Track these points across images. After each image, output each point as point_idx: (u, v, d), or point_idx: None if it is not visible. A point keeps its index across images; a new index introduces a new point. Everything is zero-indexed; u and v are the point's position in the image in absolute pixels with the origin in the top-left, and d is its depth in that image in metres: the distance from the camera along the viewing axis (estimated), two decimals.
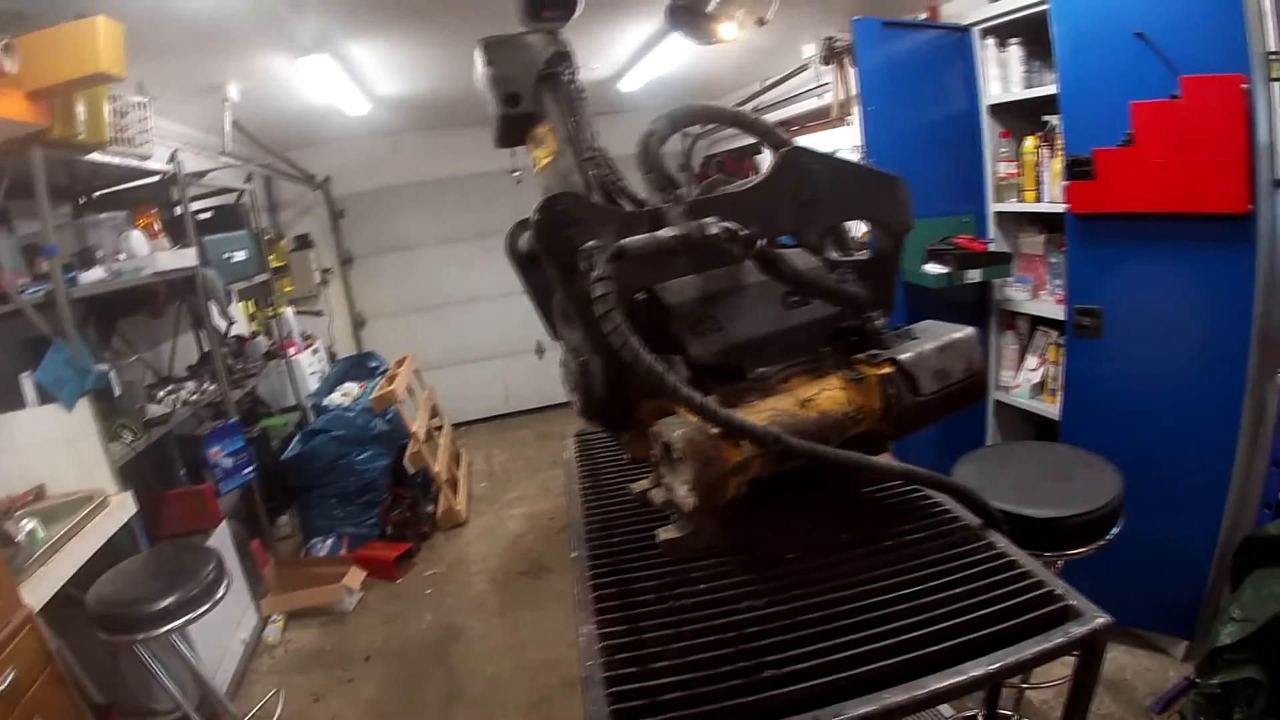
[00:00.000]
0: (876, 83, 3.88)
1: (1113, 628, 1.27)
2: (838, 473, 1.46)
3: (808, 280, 1.54)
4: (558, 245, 1.36)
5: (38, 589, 2.75)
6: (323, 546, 5.37)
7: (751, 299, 1.56)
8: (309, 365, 6.65)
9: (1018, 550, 1.50)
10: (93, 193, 4.58)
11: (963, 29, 3.97)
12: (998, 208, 4.08)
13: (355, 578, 4.94)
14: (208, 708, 3.36)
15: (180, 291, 4.75)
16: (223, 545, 4.00)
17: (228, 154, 5.43)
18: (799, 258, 1.58)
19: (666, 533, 1.38)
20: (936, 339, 1.57)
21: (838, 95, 4.72)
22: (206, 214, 5.56)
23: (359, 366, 7.09)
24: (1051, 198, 3.68)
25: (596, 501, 2.01)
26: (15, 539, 2.86)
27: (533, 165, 1.81)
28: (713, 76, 6.57)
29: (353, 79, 5.05)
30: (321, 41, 4.17)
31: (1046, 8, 3.28)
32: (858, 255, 1.71)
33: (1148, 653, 3.44)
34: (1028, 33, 3.68)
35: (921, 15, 4.25)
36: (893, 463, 1.47)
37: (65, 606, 2.88)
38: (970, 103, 4.03)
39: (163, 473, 4.33)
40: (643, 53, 5.47)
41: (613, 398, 1.58)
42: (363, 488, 5.53)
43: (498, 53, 1.74)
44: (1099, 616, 1.27)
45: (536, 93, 1.74)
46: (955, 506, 1.68)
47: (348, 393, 6.31)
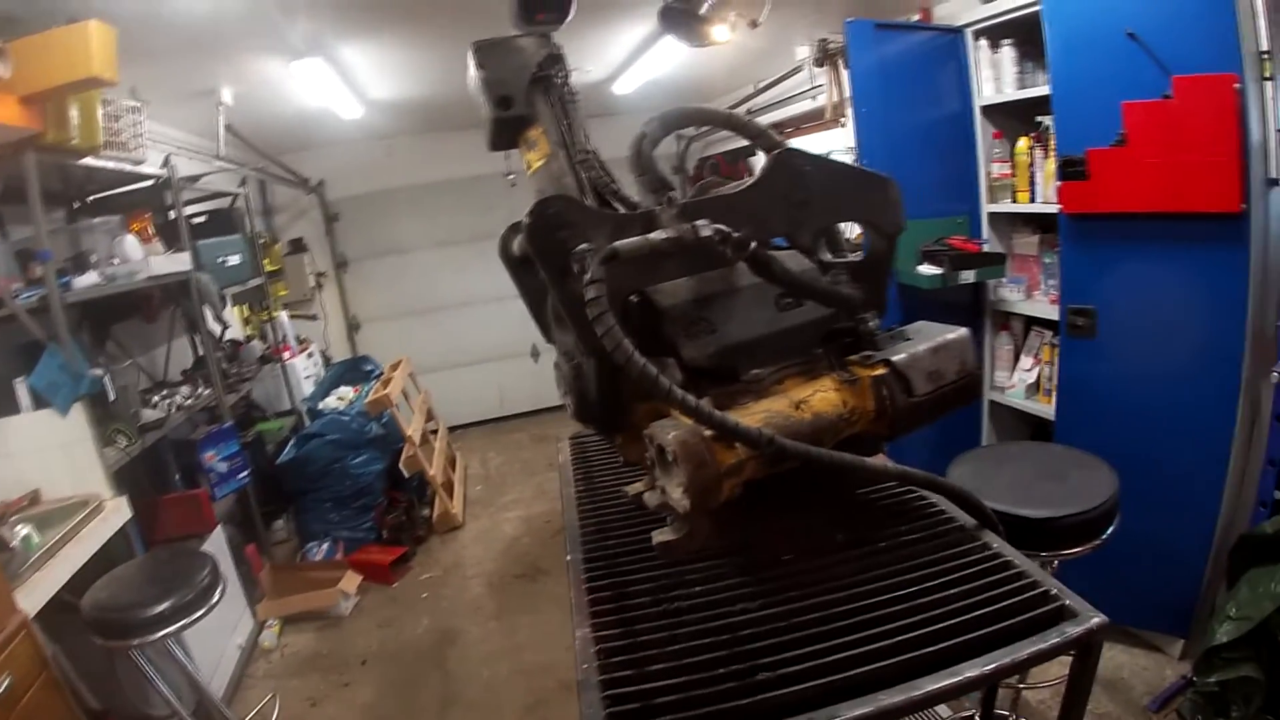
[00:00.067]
0: (870, 84, 3.89)
1: (1109, 627, 1.27)
2: (832, 474, 1.46)
3: (801, 282, 1.54)
4: (550, 248, 1.35)
5: (33, 594, 2.74)
6: (318, 551, 5.35)
7: (744, 301, 1.56)
8: (304, 369, 6.65)
9: (1013, 550, 1.50)
10: (86, 197, 4.57)
11: (955, 30, 3.98)
12: (991, 208, 4.09)
13: (351, 582, 4.92)
14: (204, 713, 3.35)
15: (174, 296, 4.75)
16: (218, 550, 3.99)
17: (221, 158, 5.42)
18: (792, 259, 1.57)
19: (661, 535, 1.37)
20: (930, 340, 1.57)
21: (831, 97, 4.72)
22: (200, 218, 5.57)
23: (354, 370, 7.08)
24: (1045, 198, 3.69)
25: (591, 504, 2.00)
26: (10, 544, 2.85)
27: (526, 168, 1.81)
28: (706, 79, 6.57)
29: (346, 82, 5.04)
30: (314, 45, 4.16)
31: (1038, 9, 3.29)
32: (850, 257, 1.71)
33: (1144, 652, 3.44)
34: (1020, 34, 3.69)
35: (914, 17, 4.26)
36: (887, 464, 1.47)
37: (61, 612, 2.87)
38: (963, 104, 4.04)
39: (157, 477, 4.33)
40: (636, 55, 5.46)
41: (606, 400, 1.58)
42: (358, 492, 5.53)
43: (489, 56, 1.74)
44: (1094, 616, 1.27)
45: (529, 95, 1.74)
46: (950, 507, 1.68)
47: (343, 396, 6.31)
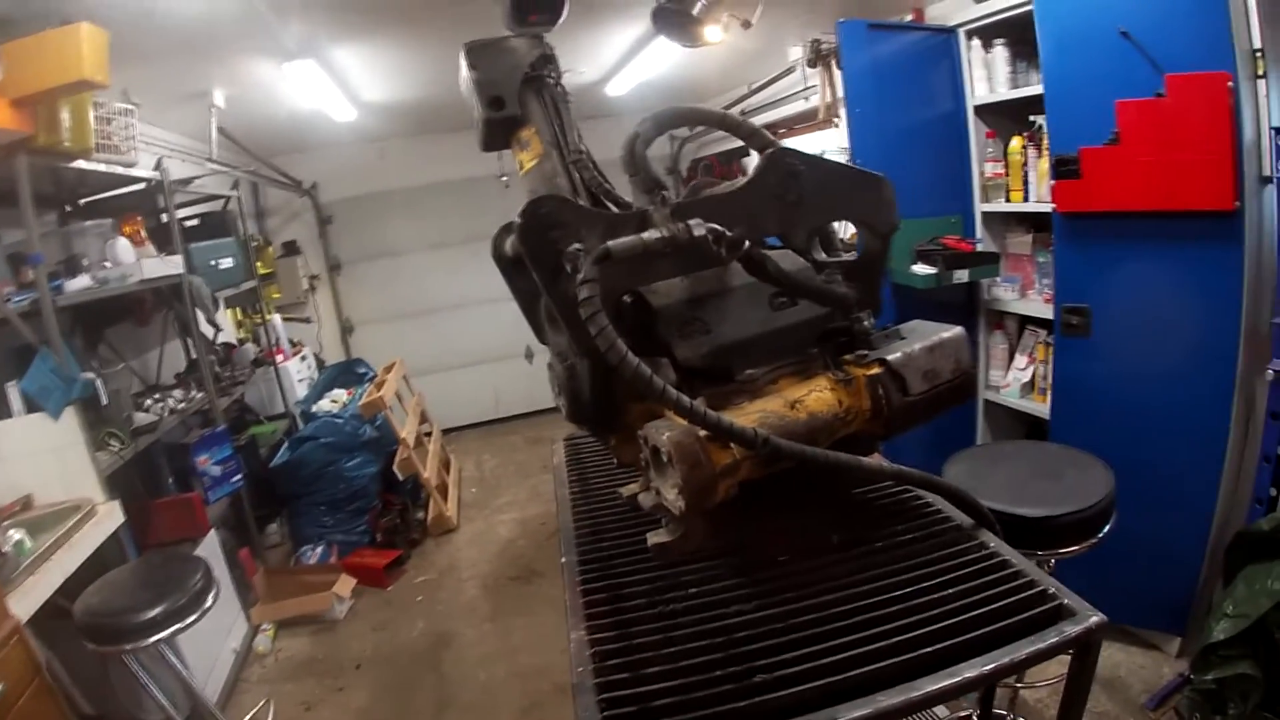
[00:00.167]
0: (863, 84, 3.89)
1: (1106, 626, 1.26)
2: (828, 474, 1.46)
3: (795, 281, 1.53)
4: (542, 248, 1.34)
5: (25, 600, 2.72)
6: (312, 554, 5.32)
7: (739, 301, 1.56)
8: (297, 372, 6.63)
9: (1010, 550, 1.49)
10: (78, 200, 4.56)
11: (948, 30, 3.99)
12: (985, 208, 4.09)
13: (345, 585, 4.90)
14: (198, 718, 3.34)
15: (167, 299, 4.73)
16: (211, 554, 3.97)
17: (214, 161, 5.38)
18: (786, 259, 1.57)
19: (656, 537, 1.37)
20: (925, 339, 1.57)
21: (824, 97, 4.72)
22: (193, 221, 5.54)
23: (347, 373, 7.06)
24: (1038, 197, 3.69)
25: (586, 506, 2.00)
26: (2, 549, 2.83)
27: (518, 169, 1.80)
28: (699, 80, 6.57)
29: (339, 84, 5.03)
30: (307, 47, 4.15)
31: (1031, 8, 3.29)
32: (845, 256, 1.71)
33: (1141, 650, 3.44)
34: (1013, 33, 3.69)
35: (907, 17, 4.26)
36: (883, 463, 1.46)
37: (54, 617, 2.86)
38: (956, 103, 4.04)
39: (150, 481, 4.30)
40: (629, 56, 5.46)
41: (600, 401, 1.57)
42: (352, 495, 5.51)
43: (481, 57, 1.74)
44: (1093, 615, 1.26)
45: (521, 96, 1.73)
46: (946, 507, 1.67)
47: (336, 399, 6.29)
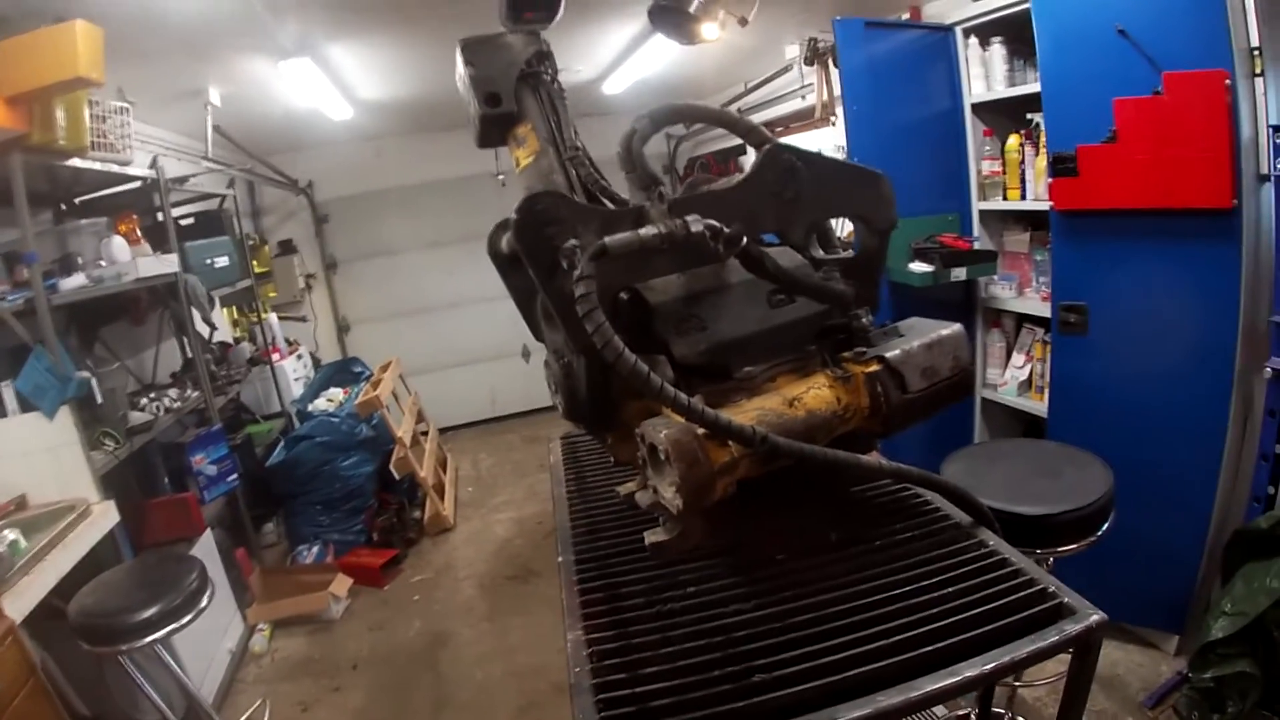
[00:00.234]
0: (860, 83, 3.89)
1: (1106, 624, 1.25)
2: (826, 472, 1.45)
3: (793, 278, 1.52)
4: (538, 244, 1.33)
5: (19, 600, 2.71)
6: (308, 554, 5.31)
7: (736, 298, 1.55)
8: (293, 371, 6.62)
9: (1010, 548, 1.49)
10: (73, 199, 4.55)
11: (945, 28, 3.99)
12: (982, 206, 4.09)
13: (342, 585, 4.89)
14: (194, 719, 3.32)
15: (162, 298, 4.72)
16: (207, 554, 3.96)
17: (210, 159, 5.38)
18: (784, 256, 1.56)
19: (654, 535, 1.36)
20: (923, 336, 1.56)
21: (821, 96, 4.73)
22: (189, 220, 5.53)
23: (344, 372, 7.05)
24: (1035, 195, 3.69)
25: (582, 505, 1.99)
26: None
27: (514, 165, 1.79)
28: (696, 78, 6.56)
29: (335, 83, 5.02)
30: (303, 45, 4.14)
31: (1028, 6, 3.29)
32: (842, 253, 1.70)
33: (1139, 648, 3.44)
34: (1010, 31, 3.69)
35: (904, 15, 4.26)
36: (882, 461, 1.45)
37: (48, 618, 2.85)
38: (953, 102, 4.04)
39: (146, 481, 4.29)
40: (626, 54, 5.45)
41: (597, 399, 1.57)
42: (348, 494, 5.49)
43: (477, 53, 1.73)
44: (1093, 614, 1.26)
45: (517, 92, 1.73)
46: (945, 505, 1.67)
47: (332, 398, 6.27)
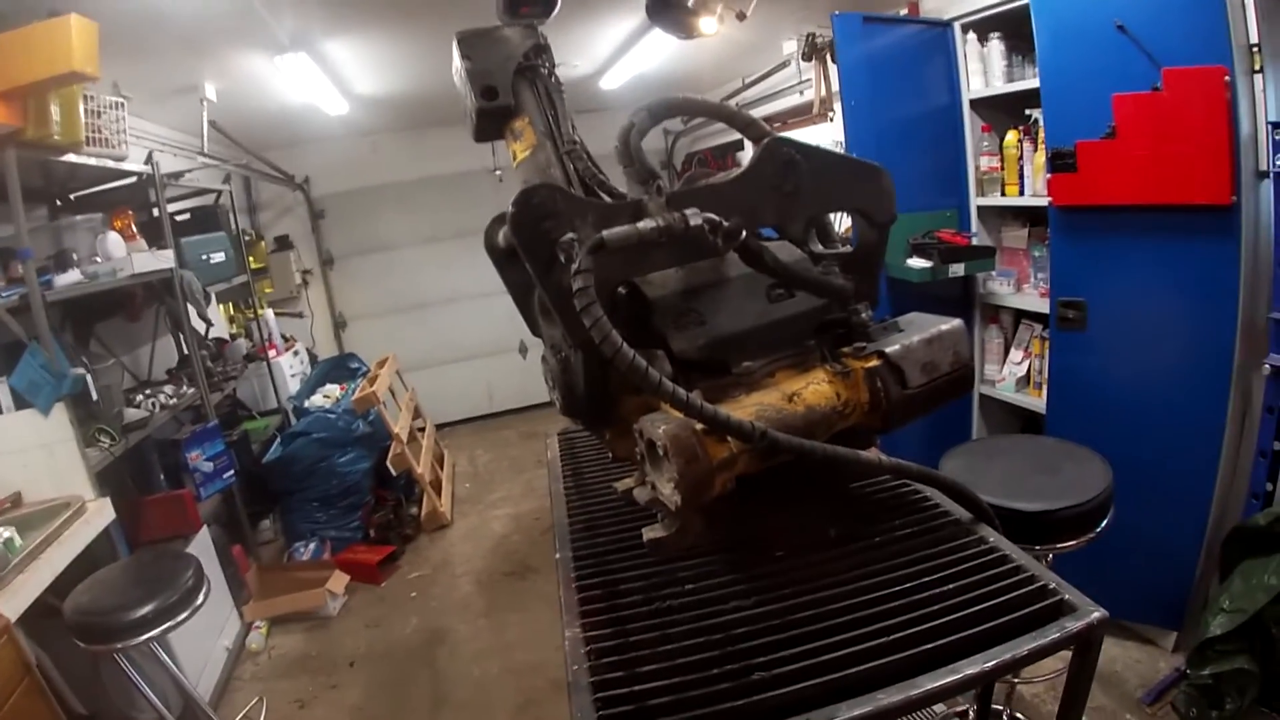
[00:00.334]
0: (858, 78, 3.87)
1: (1107, 621, 1.25)
2: (826, 468, 1.44)
3: (792, 272, 1.51)
4: (535, 238, 1.32)
5: (15, 598, 2.70)
6: (305, 551, 5.31)
7: (735, 292, 1.54)
8: (290, 367, 6.62)
9: (1010, 545, 1.48)
10: (68, 194, 4.53)
11: (943, 24, 3.98)
12: (980, 202, 4.08)
13: (339, 582, 4.88)
14: (190, 717, 3.31)
15: (158, 294, 4.70)
16: (203, 551, 3.95)
17: (205, 155, 5.37)
18: (783, 250, 1.55)
19: (652, 532, 1.35)
20: (923, 331, 1.55)
21: (819, 91, 4.71)
22: (184, 215, 5.52)
23: (340, 368, 7.04)
24: (1034, 191, 3.69)
25: (580, 501, 1.98)
26: None
27: (511, 159, 1.78)
28: (694, 74, 6.55)
29: (331, 78, 5.01)
30: (299, 40, 4.13)
31: (1027, 2, 3.28)
32: (841, 248, 1.69)
33: (1137, 644, 3.44)
34: (1008, 27, 3.68)
35: (902, 10, 4.25)
36: (881, 457, 1.45)
37: (44, 616, 2.84)
38: (952, 97, 4.04)
39: (141, 478, 4.28)
40: (624, 49, 5.44)
41: (594, 394, 1.56)
42: (345, 490, 5.49)
43: (474, 46, 1.71)
44: (1094, 611, 1.25)
45: (514, 86, 1.71)
46: (945, 501, 1.66)
47: (329, 394, 6.27)
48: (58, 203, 4.48)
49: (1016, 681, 2.92)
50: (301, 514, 5.47)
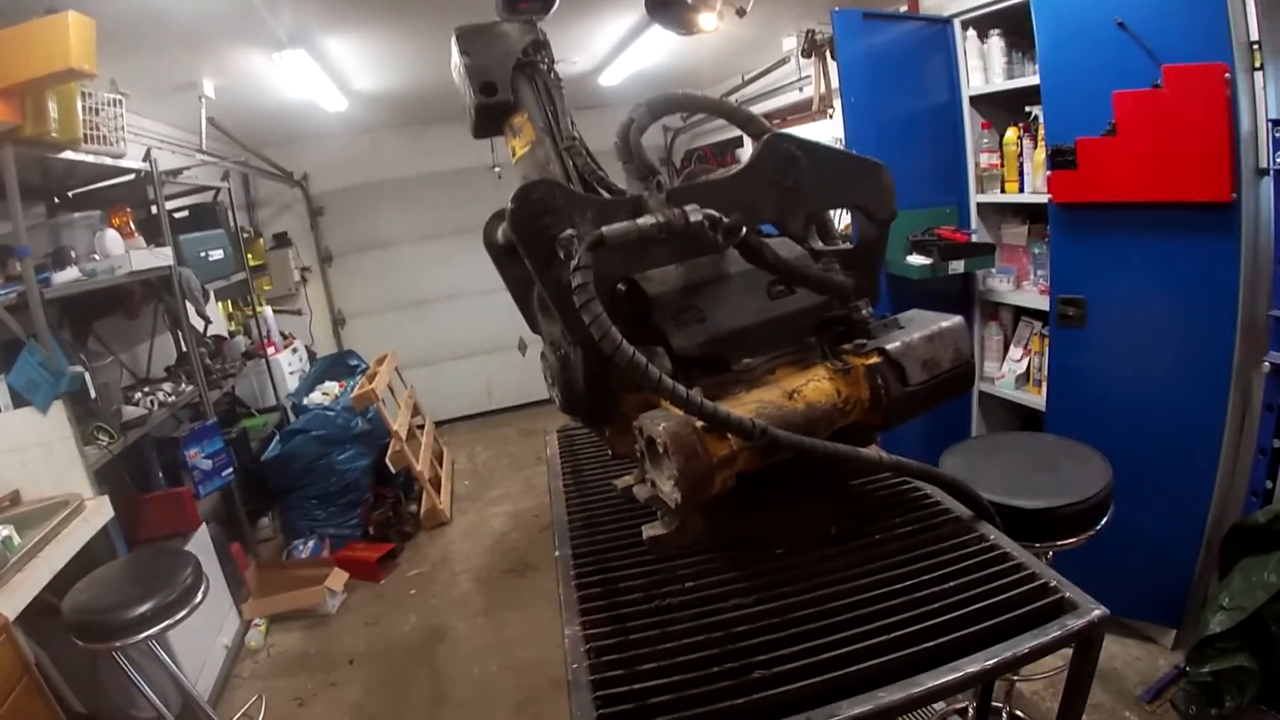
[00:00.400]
0: (857, 75, 3.86)
1: (1108, 619, 1.25)
2: (826, 466, 1.44)
3: (793, 269, 1.51)
4: (534, 234, 1.32)
5: (13, 597, 2.70)
6: (304, 548, 5.31)
7: (735, 289, 1.53)
8: (288, 364, 6.61)
9: (1010, 542, 1.48)
10: (66, 192, 4.52)
11: (943, 20, 3.97)
12: (980, 198, 4.07)
13: (338, 579, 4.88)
14: (190, 715, 3.30)
15: (157, 291, 4.69)
16: (202, 549, 3.95)
17: (204, 152, 5.36)
18: (783, 246, 1.55)
19: (652, 529, 1.35)
20: (924, 328, 1.54)
21: (819, 88, 4.70)
22: (183, 213, 5.51)
23: (339, 365, 7.03)
24: (1034, 188, 3.68)
25: (580, 499, 1.98)
26: None
27: (510, 155, 1.78)
28: (693, 70, 6.54)
29: (329, 74, 5.00)
30: (298, 37, 4.12)
31: None
32: (842, 244, 1.69)
33: (1137, 642, 3.44)
34: (1008, 24, 3.67)
35: (902, 7, 4.24)
36: (882, 454, 1.44)
37: (43, 614, 2.84)
38: (951, 94, 4.03)
39: (140, 476, 4.28)
40: (623, 46, 5.44)
41: (594, 391, 1.55)
42: (344, 488, 5.48)
43: (473, 42, 1.71)
44: (1095, 609, 1.25)
45: (513, 82, 1.70)
46: (945, 499, 1.66)
47: (328, 392, 6.27)
48: (56, 200, 4.47)
49: (1016, 679, 2.92)
50: (300, 511, 5.47)
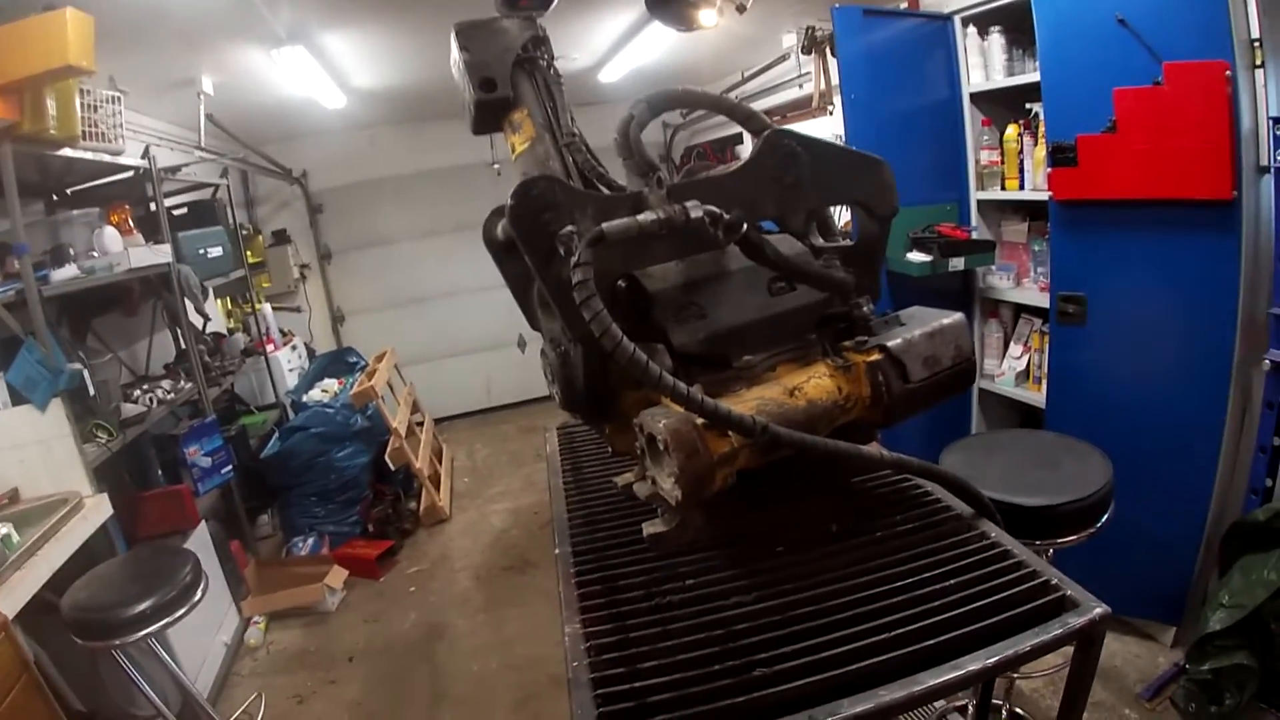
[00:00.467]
0: (857, 72, 3.86)
1: (1109, 617, 1.24)
2: (827, 463, 1.43)
3: (794, 265, 1.51)
4: (534, 230, 1.32)
5: (12, 595, 2.70)
6: (304, 546, 5.30)
7: (736, 285, 1.53)
8: (288, 362, 6.60)
9: (1011, 540, 1.47)
10: (65, 189, 4.52)
11: (944, 17, 3.96)
12: (980, 195, 4.07)
13: (337, 577, 4.88)
14: (189, 713, 3.30)
15: (155, 289, 4.68)
16: (201, 546, 3.95)
17: (203, 149, 5.36)
18: (784, 243, 1.54)
19: (652, 527, 1.35)
20: (925, 325, 1.54)
21: (819, 85, 4.70)
22: (181, 210, 5.51)
23: (338, 362, 7.02)
24: (1034, 185, 3.67)
25: (579, 496, 1.97)
26: None
27: (510, 152, 1.77)
28: (693, 67, 6.54)
29: (328, 71, 5.00)
30: (296, 33, 4.11)
31: None
32: (842, 241, 1.68)
33: (1137, 640, 3.44)
34: (1009, 21, 3.66)
35: (902, 4, 4.22)
36: (883, 452, 1.44)
37: (42, 612, 2.83)
38: (952, 91, 4.02)
39: (139, 473, 4.27)
40: (623, 42, 5.43)
41: (594, 388, 1.55)
42: (343, 485, 5.48)
43: (472, 38, 1.70)
44: (1097, 607, 1.25)
45: (513, 78, 1.70)
46: (946, 496, 1.66)
47: (327, 389, 6.26)
48: (54, 197, 4.46)
49: (1016, 676, 2.92)
50: (300, 509, 5.46)
